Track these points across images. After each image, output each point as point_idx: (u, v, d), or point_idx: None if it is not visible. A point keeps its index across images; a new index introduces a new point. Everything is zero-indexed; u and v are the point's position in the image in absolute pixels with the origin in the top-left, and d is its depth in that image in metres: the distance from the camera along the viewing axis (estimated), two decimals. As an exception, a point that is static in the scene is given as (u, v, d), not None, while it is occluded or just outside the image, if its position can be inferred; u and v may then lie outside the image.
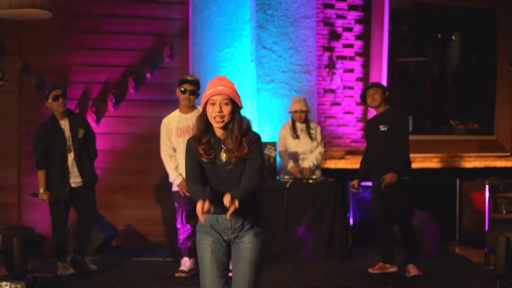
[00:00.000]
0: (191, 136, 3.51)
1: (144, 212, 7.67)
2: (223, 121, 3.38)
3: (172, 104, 7.68)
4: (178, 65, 7.76)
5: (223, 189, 3.37)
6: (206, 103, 3.42)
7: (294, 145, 7.08)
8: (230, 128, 3.40)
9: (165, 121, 6.03)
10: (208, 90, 3.42)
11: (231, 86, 3.44)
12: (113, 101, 7.50)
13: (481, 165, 8.73)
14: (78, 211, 6.21)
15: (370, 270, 6.16)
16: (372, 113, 8.34)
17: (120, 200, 7.31)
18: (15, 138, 7.32)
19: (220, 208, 3.40)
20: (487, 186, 6.96)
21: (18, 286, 5.13)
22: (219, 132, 3.44)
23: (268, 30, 7.85)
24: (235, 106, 3.41)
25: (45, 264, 6.49)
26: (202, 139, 3.43)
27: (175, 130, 5.94)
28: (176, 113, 6.02)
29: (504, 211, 7.54)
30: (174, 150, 6.00)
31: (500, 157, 8.93)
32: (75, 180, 6.09)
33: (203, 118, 3.43)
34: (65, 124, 6.08)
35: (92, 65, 7.52)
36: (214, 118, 3.39)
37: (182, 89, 5.89)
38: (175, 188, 6.01)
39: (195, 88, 5.92)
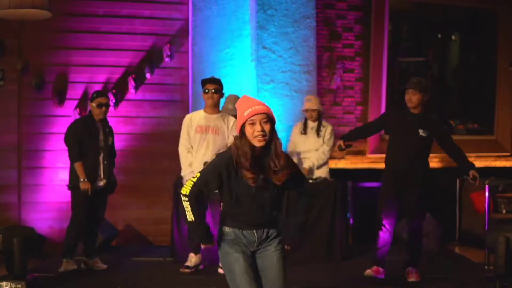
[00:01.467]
0: (226, 154, 3.41)
1: (144, 212, 7.68)
2: (265, 140, 3.33)
3: (172, 104, 7.73)
4: (178, 65, 7.77)
5: (252, 212, 3.42)
6: (243, 125, 3.36)
7: (300, 142, 7.06)
8: (273, 147, 3.37)
9: (188, 117, 6.17)
10: (244, 111, 3.37)
11: (266, 105, 3.42)
12: (113, 101, 7.50)
13: (481, 165, 8.71)
14: (91, 213, 6.21)
15: (368, 271, 6.01)
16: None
17: (120, 200, 7.31)
18: (15, 137, 7.33)
19: (246, 225, 3.45)
20: (487, 186, 6.96)
21: (18, 286, 5.14)
22: (259, 151, 3.37)
23: (268, 30, 7.85)
24: (273, 123, 3.38)
25: (45, 264, 6.49)
26: (251, 165, 3.34)
27: (195, 126, 6.03)
28: (201, 112, 6.15)
29: (504, 211, 7.55)
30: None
31: (500, 157, 8.92)
32: (99, 183, 6.13)
33: (246, 142, 3.35)
34: (100, 127, 6.17)
35: (92, 65, 7.53)
36: (256, 137, 3.33)
37: (206, 90, 6.00)
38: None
39: (217, 87, 6.03)
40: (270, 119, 3.36)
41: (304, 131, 7.04)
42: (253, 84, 7.80)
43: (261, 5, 7.81)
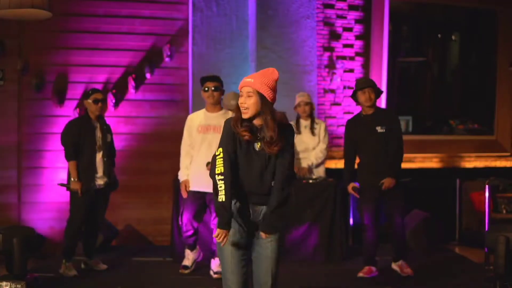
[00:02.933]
0: (228, 119, 3.58)
1: (144, 212, 7.67)
2: (246, 112, 3.48)
3: (172, 104, 7.73)
4: (178, 65, 7.76)
5: (250, 179, 3.51)
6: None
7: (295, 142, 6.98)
8: (264, 119, 3.50)
9: (189, 117, 6.12)
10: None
11: (262, 80, 3.52)
12: (113, 101, 7.51)
13: (481, 165, 8.72)
14: (91, 213, 6.20)
15: (360, 274, 6.06)
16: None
17: (120, 200, 7.31)
18: (15, 138, 7.32)
19: (244, 199, 3.54)
20: (487, 186, 6.95)
21: (18, 286, 5.13)
22: (256, 121, 3.54)
23: (268, 30, 7.85)
24: (261, 98, 3.49)
25: (45, 264, 6.49)
26: (241, 123, 3.51)
27: (196, 126, 5.97)
28: (202, 111, 6.09)
29: (504, 211, 7.55)
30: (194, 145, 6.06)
31: (500, 157, 8.93)
32: (99, 182, 6.10)
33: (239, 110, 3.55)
34: (97, 124, 6.16)
35: (92, 65, 7.52)
36: (240, 109, 3.51)
37: (206, 88, 5.93)
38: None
39: (217, 84, 5.95)
40: (256, 93, 3.48)
41: (298, 130, 6.92)
42: (253, 84, 7.79)
43: (261, 5, 7.81)
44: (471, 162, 8.74)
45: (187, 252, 6.15)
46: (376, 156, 5.97)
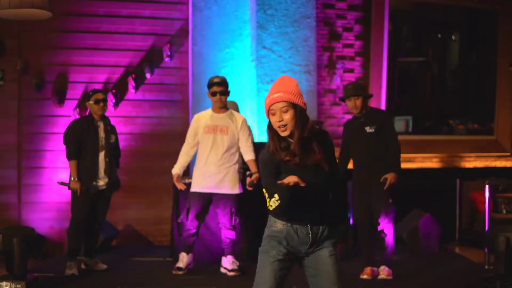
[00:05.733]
0: (265, 150, 3.30)
1: (144, 212, 7.67)
2: (286, 129, 3.22)
3: (172, 104, 7.74)
4: (178, 65, 7.77)
5: (305, 195, 3.24)
6: (269, 114, 3.28)
7: None
8: (293, 133, 3.23)
9: (196, 117, 6.16)
10: (267, 98, 3.29)
11: (289, 90, 3.25)
12: (113, 101, 7.51)
13: (481, 165, 8.73)
14: (91, 213, 6.20)
15: (363, 276, 6.00)
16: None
17: (120, 200, 7.30)
18: (15, 138, 7.32)
19: (301, 217, 3.30)
20: (487, 186, 6.96)
21: (18, 286, 5.15)
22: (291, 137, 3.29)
23: (268, 30, 7.85)
24: (297, 109, 3.22)
25: (45, 264, 6.49)
26: (280, 147, 3.24)
27: (203, 127, 6.03)
28: (208, 111, 6.14)
29: (504, 211, 7.56)
30: (196, 145, 6.09)
31: (500, 157, 8.93)
32: (100, 183, 6.11)
33: (272, 129, 3.28)
34: (100, 125, 6.16)
35: (92, 65, 7.53)
36: (278, 128, 3.23)
37: (212, 92, 6.00)
38: (193, 189, 6.08)
39: (224, 88, 6.03)
40: (291, 105, 3.21)
41: None
42: (253, 84, 7.80)
43: (261, 5, 7.81)
44: (471, 162, 8.75)
45: (183, 254, 6.09)
46: (365, 156, 5.94)
